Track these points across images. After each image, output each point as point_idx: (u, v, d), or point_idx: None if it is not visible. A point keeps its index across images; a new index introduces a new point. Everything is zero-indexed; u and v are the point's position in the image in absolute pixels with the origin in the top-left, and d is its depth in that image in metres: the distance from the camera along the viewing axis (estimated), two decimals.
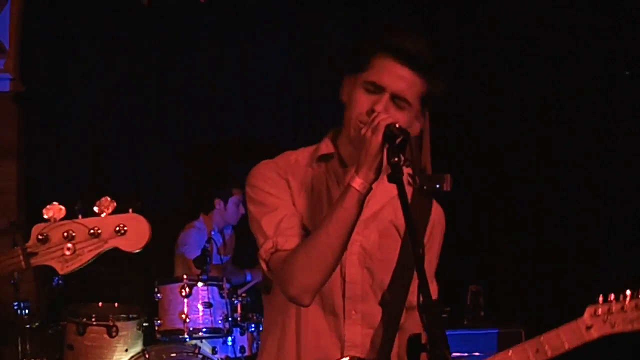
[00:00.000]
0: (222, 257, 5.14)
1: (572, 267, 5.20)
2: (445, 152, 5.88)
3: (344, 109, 2.20)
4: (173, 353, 4.34)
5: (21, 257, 1.87)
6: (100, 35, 5.74)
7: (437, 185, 5.52)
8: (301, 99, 5.96)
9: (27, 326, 4.64)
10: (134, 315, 4.61)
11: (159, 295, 4.52)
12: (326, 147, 2.25)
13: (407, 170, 2.22)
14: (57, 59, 5.67)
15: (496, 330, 4.73)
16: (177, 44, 5.86)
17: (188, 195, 5.73)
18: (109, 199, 1.89)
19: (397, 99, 2.10)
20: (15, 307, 4.55)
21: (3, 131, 5.64)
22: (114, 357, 4.48)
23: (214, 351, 4.65)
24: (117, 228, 1.86)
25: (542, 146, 5.42)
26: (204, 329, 4.47)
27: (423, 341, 1.71)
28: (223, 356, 4.70)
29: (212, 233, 5.17)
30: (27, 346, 4.67)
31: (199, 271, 4.54)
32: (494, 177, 5.65)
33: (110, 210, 1.87)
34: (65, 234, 1.86)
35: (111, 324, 4.48)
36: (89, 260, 1.88)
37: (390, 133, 1.97)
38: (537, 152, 5.44)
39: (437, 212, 2.32)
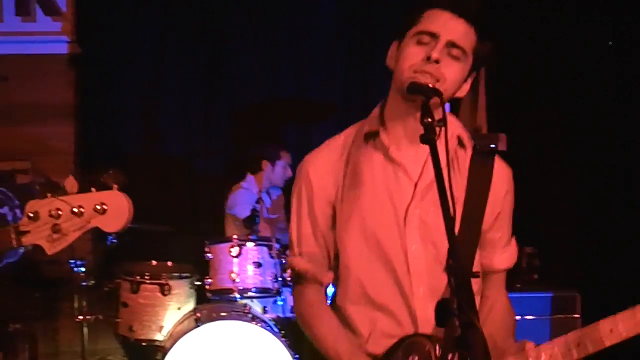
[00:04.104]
0: (270, 217, 5.16)
1: (633, 229, 5.04)
2: (501, 110, 5.77)
3: (392, 75, 2.15)
4: (223, 312, 4.34)
5: (12, 236, 1.84)
6: None
7: (492, 145, 5.46)
8: (353, 59, 5.88)
9: (83, 284, 4.74)
10: (186, 274, 4.66)
11: (209, 254, 4.54)
12: (370, 124, 2.21)
13: (463, 133, 2.19)
14: (112, 21, 5.72)
15: (550, 294, 4.64)
16: (228, 4, 5.85)
17: (237, 155, 5.76)
18: (72, 178, 1.84)
19: (452, 47, 2.03)
20: (72, 265, 4.66)
21: (61, 93, 5.78)
22: (167, 315, 4.53)
23: (264, 311, 4.68)
24: (97, 207, 1.80)
25: (601, 101, 5.23)
26: (253, 289, 4.47)
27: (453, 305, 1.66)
28: (274, 316, 4.72)
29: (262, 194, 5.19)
30: (84, 303, 4.79)
31: (249, 231, 4.55)
32: (551, 135, 5.50)
33: (74, 190, 1.81)
34: (52, 212, 1.81)
35: (164, 282, 4.52)
36: (74, 240, 1.83)
37: (425, 92, 1.92)
38: (596, 109, 5.25)
39: (502, 173, 2.24)
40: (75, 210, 1.79)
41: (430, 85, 1.96)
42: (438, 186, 1.80)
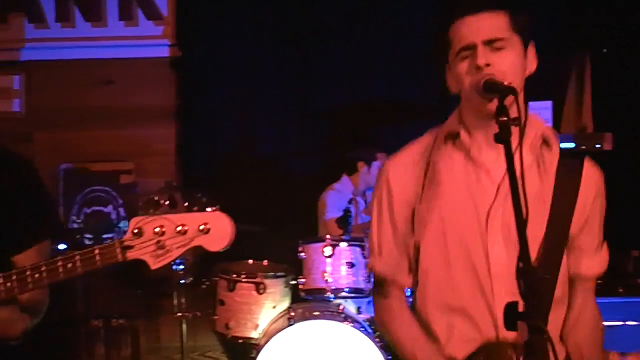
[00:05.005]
0: (364, 219, 5.15)
1: None
2: (607, 109, 5.58)
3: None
4: (316, 311, 4.36)
5: (118, 250, 1.92)
6: (250, 2, 5.91)
7: (598, 145, 5.29)
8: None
9: (182, 281, 4.86)
10: (281, 274, 4.69)
11: (302, 254, 4.58)
12: (451, 125, 2.20)
13: (548, 132, 2.13)
14: (209, 24, 5.89)
15: None
16: (323, 4, 5.91)
17: (332, 156, 5.78)
18: (199, 195, 1.93)
19: (491, 43, 2.02)
20: (172, 264, 4.77)
21: (162, 95, 5.97)
22: (262, 313, 4.58)
23: (358, 311, 4.67)
24: (201, 227, 1.87)
25: None
26: (346, 289, 4.46)
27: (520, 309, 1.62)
28: (367, 316, 4.69)
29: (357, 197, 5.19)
30: (183, 300, 4.91)
31: (339, 231, 4.55)
32: None
33: (197, 207, 1.89)
34: (157, 229, 1.89)
35: (259, 281, 4.58)
36: (177, 257, 1.91)
37: (500, 89, 1.90)
38: None
39: (592, 176, 2.17)
40: (179, 229, 1.87)
41: (506, 83, 1.93)
42: (511, 187, 1.77)
